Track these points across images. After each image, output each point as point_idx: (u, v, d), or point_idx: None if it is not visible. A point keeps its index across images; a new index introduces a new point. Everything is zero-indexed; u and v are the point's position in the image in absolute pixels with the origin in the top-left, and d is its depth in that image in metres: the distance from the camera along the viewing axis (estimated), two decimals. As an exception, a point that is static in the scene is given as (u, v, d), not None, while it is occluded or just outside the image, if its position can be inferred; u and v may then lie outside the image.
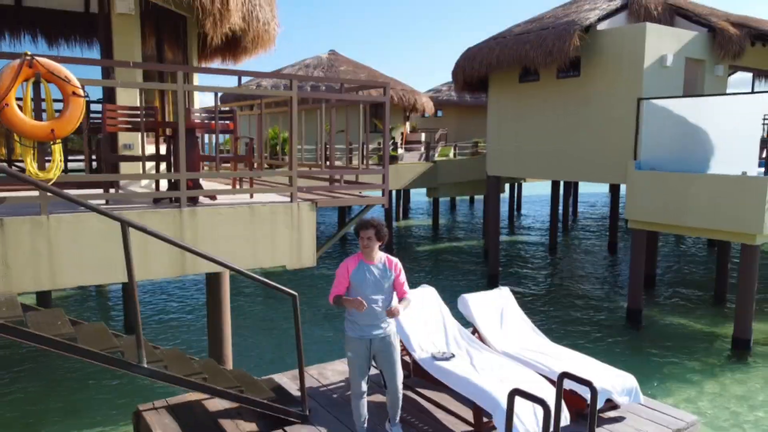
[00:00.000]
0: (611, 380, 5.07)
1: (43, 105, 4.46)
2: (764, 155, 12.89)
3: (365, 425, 4.79)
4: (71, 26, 8.65)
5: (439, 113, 35.13)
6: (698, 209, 11.18)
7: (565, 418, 4.48)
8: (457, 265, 19.10)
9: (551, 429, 4.04)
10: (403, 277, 4.72)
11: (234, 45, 8.52)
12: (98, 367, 9.75)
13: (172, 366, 4.53)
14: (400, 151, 26.01)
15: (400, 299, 4.65)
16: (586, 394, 4.84)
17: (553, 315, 13.75)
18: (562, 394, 4.11)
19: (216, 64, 9.56)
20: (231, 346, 7.37)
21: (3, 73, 4.14)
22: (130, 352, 4.23)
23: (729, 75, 14.68)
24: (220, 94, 11.81)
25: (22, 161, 4.76)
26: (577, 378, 3.95)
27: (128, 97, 6.43)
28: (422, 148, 27.72)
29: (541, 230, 26.20)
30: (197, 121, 5.99)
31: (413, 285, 5.98)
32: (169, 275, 4.89)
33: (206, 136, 8.12)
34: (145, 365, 4.15)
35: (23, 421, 8.03)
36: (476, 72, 15.36)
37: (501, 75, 15.30)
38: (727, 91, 14.63)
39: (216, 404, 5.28)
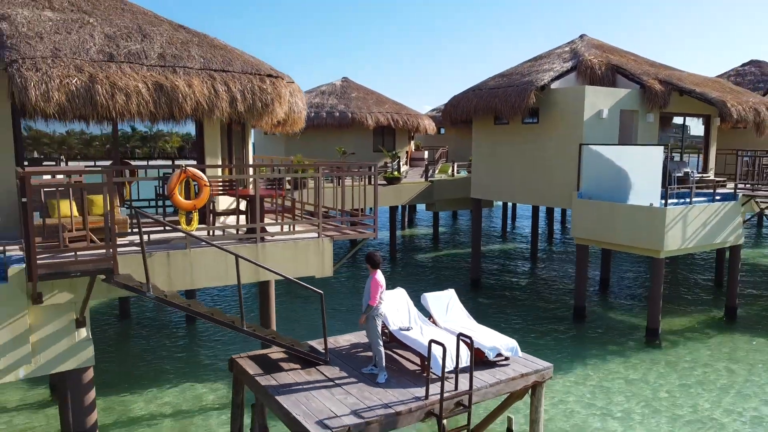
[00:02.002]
0: (501, 341, 8.84)
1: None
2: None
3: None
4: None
5: (441, 131, 38.88)
6: (621, 230, 14.87)
7: (463, 360, 8.19)
8: (448, 269, 22.89)
9: (454, 364, 7.84)
10: (377, 284, 8.34)
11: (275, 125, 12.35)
12: (208, 336, 13.81)
13: (256, 330, 8.39)
14: (404, 167, 29.78)
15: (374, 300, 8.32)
16: (484, 349, 8.61)
17: (520, 308, 17.51)
18: (459, 346, 7.87)
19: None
20: (275, 325, 11.22)
21: (172, 177, 8.02)
22: (237, 322, 8.09)
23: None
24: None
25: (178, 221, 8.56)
26: (466, 336, 7.74)
27: (213, 174, 10.32)
28: (425, 164, 31.64)
29: (528, 240, 29.84)
30: (263, 190, 9.83)
31: (408, 285, 9.77)
32: (252, 280, 8.77)
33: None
34: (245, 328, 8.01)
35: (172, 365, 11.98)
36: (460, 115, 19.15)
37: (480, 118, 19.05)
38: (661, 133, 18.23)
39: (276, 355, 9.08)
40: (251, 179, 9.50)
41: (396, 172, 25.40)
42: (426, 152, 34.22)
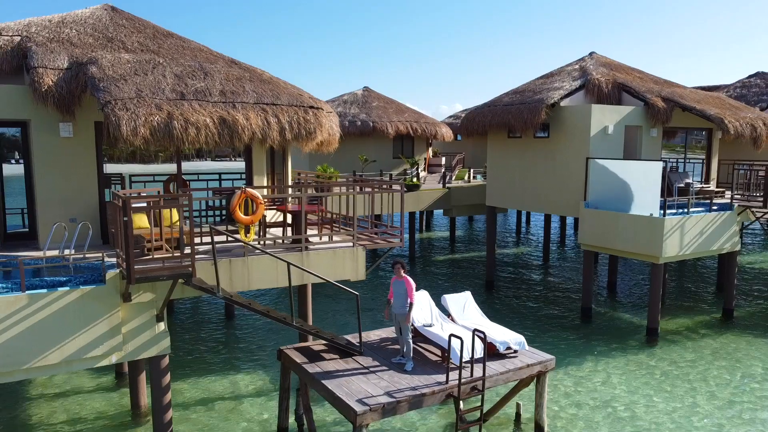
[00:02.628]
0: (510, 336, 10.31)
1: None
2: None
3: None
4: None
5: (458, 137, 40.30)
6: (623, 237, 16.23)
7: (477, 352, 9.65)
8: (464, 271, 24.35)
9: (468, 353, 9.34)
10: (410, 289, 9.86)
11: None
12: (244, 330, 15.42)
13: (303, 325, 9.96)
14: (423, 174, 31.22)
15: (409, 303, 9.78)
16: (495, 343, 10.09)
17: (531, 308, 18.93)
18: (474, 340, 9.36)
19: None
20: (311, 321, 12.78)
21: (234, 197, 9.61)
22: (288, 318, 9.66)
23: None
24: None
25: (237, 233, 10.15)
26: (480, 332, 9.23)
27: (262, 191, 11.91)
28: (442, 170, 33.11)
29: (541, 244, 31.15)
30: (307, 205, 11.41)
31: (427, 285, 11.28)
32: (297, 283, 10.34)
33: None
34: (295, 324, 9.58)
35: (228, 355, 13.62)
36: (476, 129, 20.61)
37: (494, 132, 20.47)
38: (666, 147, 19.51)
39: (317, 347, 10.63)
40: (296, 197, 11.09)
41: (415, 179, 26.87)
42: (443, 158, 35.63)
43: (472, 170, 30.88)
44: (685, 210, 16.13)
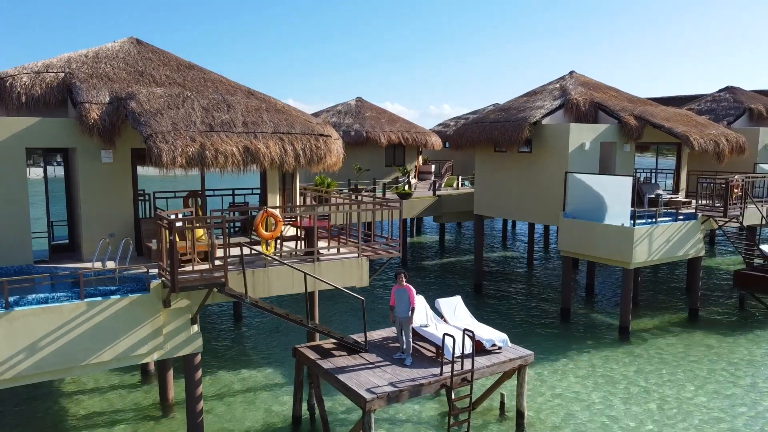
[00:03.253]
0: (495, 335, 11.91)
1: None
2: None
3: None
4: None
5: (447, 145, 41.99)
6: (598, 245, 17.92)
7: (467, 348, 11.22)
8: (454, 274, 25.98)
9: (460, 351, 10.93)
10: (412, 296, 11.43)
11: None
12: (267, 332, 16.84)
13: (317, 327, 11.50)
14: (413, 181, 32.78)
15: (411, 308, 11.35)
16: (482, 341, 11.69)
17: (516, 309, 20.58)
18: (464, 338, 10.96)
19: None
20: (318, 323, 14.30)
21: (257, 216, 11.12)
22: (304, 320, 11.19)
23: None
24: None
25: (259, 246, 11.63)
26: (469, 332, 10.82)
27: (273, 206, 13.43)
28: (432, 177, 34.70)
29: (526, 248, 32.87)
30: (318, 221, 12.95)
31: (419, 289, 12.84)
32: (309, 290, 11.87)
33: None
34: (310, 325, 11.12)
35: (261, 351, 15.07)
36: (465, 143, 22.24)
37: (481, 147, 22.10)
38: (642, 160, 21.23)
39: (327, 345, 12.15)
40: (308, 214, 12.61)
41: (407, 187, 28.40)
42: (433, 166, 37.23)
43: (460, 177, 32.46)
44: (653, 220, 17.84)
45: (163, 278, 10.25)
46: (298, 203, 14.94)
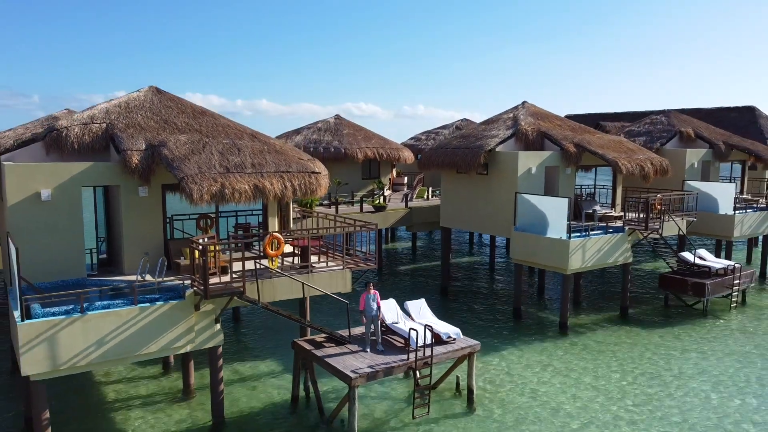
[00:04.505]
0: (451, 329, 15.32)
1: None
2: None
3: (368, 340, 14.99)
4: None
5: (419, 157, 45.47)
6: (541, 254, 21.48)
7: (428, 339, 14.56)
8: (424, 278, 29.41)
9: (422, 341, 14.31)
10: (378, 300, 14.74)
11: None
12: (261, 329, 19.99)
13: (313, 324, 14.75)
14: (388, 192, 36.05)
15: (378, 308, 14.71)
16: (440, 333, 15.08)
17: (476, 308, 24.05)
18: (426, 330, 14.31)
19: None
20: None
21: (266, 239, 14.33)
22: (304, 320, 14.42)
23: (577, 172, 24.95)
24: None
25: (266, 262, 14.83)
26: (430, 326, 14.19)
27: (274, 227, 16.64)
28: (405, 188, 38.10)
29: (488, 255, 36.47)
30: (313, 241, 16.20)
31: (392, 291, 16.17)
32: (308, 295, 15.11)
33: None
34: (307, 322, 14.36)
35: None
36: (432, 165, 25.67)
37: (446, 169, 25.54)
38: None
39: (318, 339, 15.39)
40: (303, 237, 15.86)
41: (381, 199, 31.67)
42: (406, 178, 40.62)
43: (431, 189, 35.89)
44: (586, 233, 21.46)
45: (195, 288, 13.40)
46: (291, 224, 18.13)
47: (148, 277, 14.40)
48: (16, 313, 11.96)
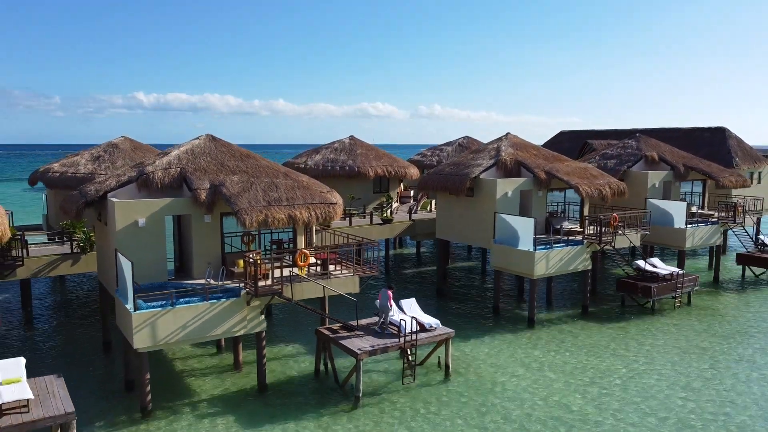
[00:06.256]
0: (432, 320, 20.67)
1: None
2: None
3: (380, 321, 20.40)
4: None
5: (425, 172, 50.72)
6: (515, 262, 26.74)
7: (415, 327, 19.88)
8: (424, 281, 34.78)
9: (410, 329, 19.70)
10: (390, 298, 20.11)
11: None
12: (302, 320, 25.63)
13: (333, 317, 20.21)
14: (395, 204, 41.34)
15: (390, 303, 20.10)
16: (424, 323, 20.45)
17: (464, 307, 29.36)
18: (413, 321, 19.67)
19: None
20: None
21: (296, 254, 19.80)
22: (325, 313, 19.86)
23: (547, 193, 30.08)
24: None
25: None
26: (416, 318, 19.56)
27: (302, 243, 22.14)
28: (411, 201, 43.48)
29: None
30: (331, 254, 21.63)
31: (399, 290, 21.54)
32: (327, 295, 20.55)
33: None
34: (326, 315, 19.83)
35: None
36: (428, 188, 31.03)
37: (440, 190, 30.86)
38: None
39: (335, 327, 20.78)
40: (324, 251, 21.34)
41: (388, 213, 36.98)
42: (412, 191, 45.94)
43: (434, 201, 41.12)
44: (550, 246, 26.64)
45: (247, 289, 18.88)
46: (314, 241, 23.56)
47: (212, 281, 19.93)
48: (128, 306, 17.54)
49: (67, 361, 22.68)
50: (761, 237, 37.71)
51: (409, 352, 20.44)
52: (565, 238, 28.15)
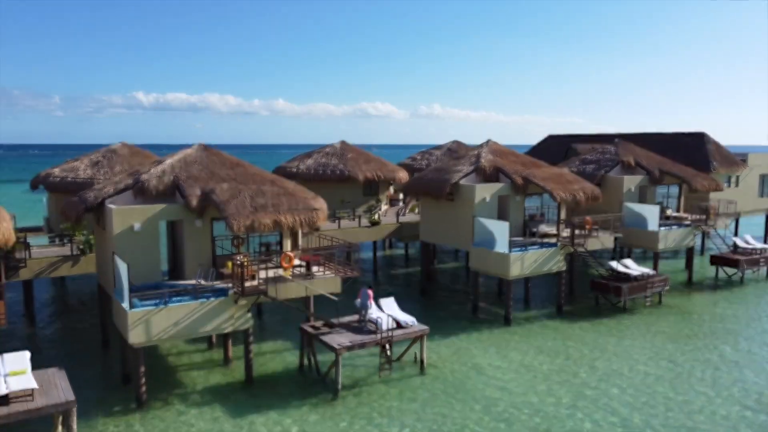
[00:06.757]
0: (409, 318, 22.17)
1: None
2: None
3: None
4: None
5: (414, 175, 52.17)
6: (491, 264, 28.24)
7: (392, 324, 21.38)
8: (409, 282, 36.29)
9: (386, 326, 21.22)
10: (371, 297, 21.61)
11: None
12: (289, 318, 27.17)
13: (316, 315, 21.72)
14: (385, 207, 42.82)
15: (370, 301, 21.61)
16: (400, 321, 21.96)
17: (445, 305, 30.88)
18: (389, 319, 21.18)
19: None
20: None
21: (282, 256, 21.29)
22: (308, 311, 21.36)
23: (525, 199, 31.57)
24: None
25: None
26: (394, 318, 21.09)
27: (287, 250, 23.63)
28: (400, 203, 44.94)
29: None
30: (312, 257, 23.13)
31: (384, 291, 23.05)
32: (310, 294, 22.06)
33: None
34: (310, 313, 21.32)
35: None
36: (412, 192, 32.54)
37: (423, 195, 32.34)
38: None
39: (318, 324, 22.27)
40: (307, 252, 22.81)
41: (376, 216, 38.43)
42: (401, 194, 47.39)
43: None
44: (525, 248, 28.14)
45: (234, 289, 20.37)
46: (300, 244, 25.07)
47: (202, 282, 21.43)
48: (125, 304, 19.03)
49: (68, 356, 24.19)
50: (734, 239, 39.27)
51: (386, 348, 21.95)
52: (540, 240, 29.65)
